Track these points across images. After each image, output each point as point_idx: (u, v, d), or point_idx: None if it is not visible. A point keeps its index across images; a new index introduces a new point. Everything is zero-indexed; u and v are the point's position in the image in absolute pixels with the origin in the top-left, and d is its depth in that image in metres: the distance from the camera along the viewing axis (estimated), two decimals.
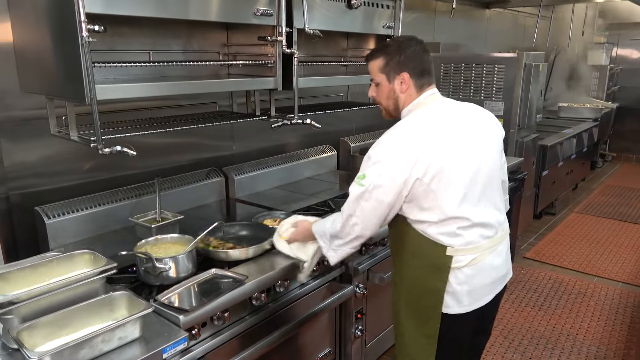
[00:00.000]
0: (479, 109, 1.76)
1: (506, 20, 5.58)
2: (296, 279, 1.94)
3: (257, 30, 2.13)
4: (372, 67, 1.69)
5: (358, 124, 3.74)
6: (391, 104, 1.71)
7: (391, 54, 1.65)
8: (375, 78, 1.70)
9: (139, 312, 1.38)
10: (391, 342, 2.76)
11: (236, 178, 2.71)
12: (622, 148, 7.96)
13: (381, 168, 1.54)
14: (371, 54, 1.70)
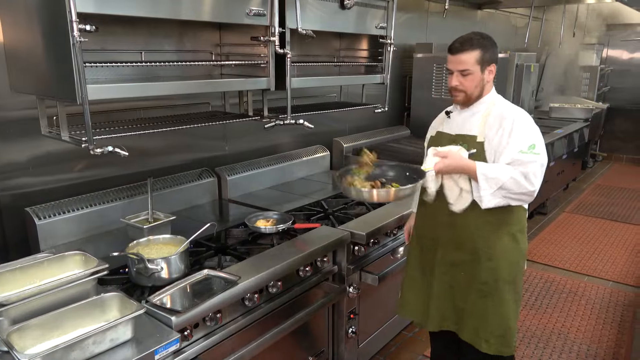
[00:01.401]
0: None
1: (498, 21, 5.61)
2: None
3: (250, 30, 2.12)
4: (469, 58, 1.84)
5: (351, 124, 3.74)
6: (477, 92, 1.91)
7: (487, 47, 1.86)
8: (470, 68, 1.85)
9: (130, 313, 1.37)
10: (384, 341, 2.77)
11: (229, 178, 2.71)
12: (612, 148, 8.03)
13: (540, 139, 1.87)
14: (467, 47, 1.84)
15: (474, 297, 1.96)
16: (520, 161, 1.82)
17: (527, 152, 1.83)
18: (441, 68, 3.96)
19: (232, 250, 2.03)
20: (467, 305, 1.98)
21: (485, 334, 1.96)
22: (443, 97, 3.98)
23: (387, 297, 2.67)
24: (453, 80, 1.90)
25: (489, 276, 1.93)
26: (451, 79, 1.91)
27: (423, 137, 3.97)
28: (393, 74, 3.78)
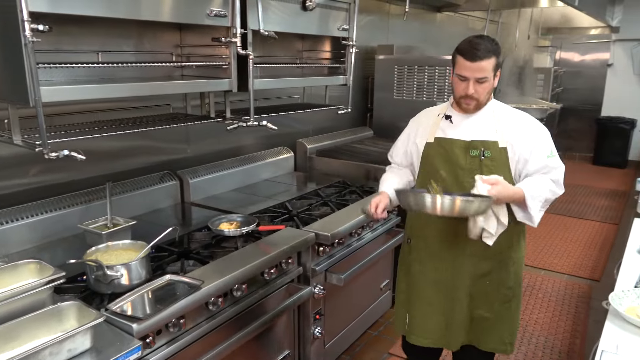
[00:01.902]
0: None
1: (457, 23, 5.74)
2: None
3: (211, 31, 2.10)
4: (488, 66, 1.78)
5: (314, 125, 3.75)
6: (487, 98, 1.90)
7: (499, 53, 1.83)
8: (488, 75, 1.80)
9: (89, 322, 1.33)
10: (350, 341, 2.79)
11: (191, 181, 2.67)
12: (565, 147, 8.35)
13: (552, 141, 1.92)
14: (487, 55, 1.77)
15: (498, 304, 1.98)
16: (548, 167, 1.86)
17: (552, 157, 1.87)
18: (402, 70, 4.02)
19: (195, 254, 2.00)
20: (492, 314, 1.99)
21: (510, 337, 2.02)
22: (405, 98, 4.05)
23: (352, 297, 2.69)
24: (470, 88, 1.80)
25: (514, 280, 1.98)
26: (467, 86, 1.80)
27: (386, 138, 4.06)
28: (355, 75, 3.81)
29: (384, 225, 2.81)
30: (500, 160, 1.86)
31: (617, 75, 7.93)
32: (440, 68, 3.85)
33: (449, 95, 3.83)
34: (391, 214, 2.90)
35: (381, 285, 3.01)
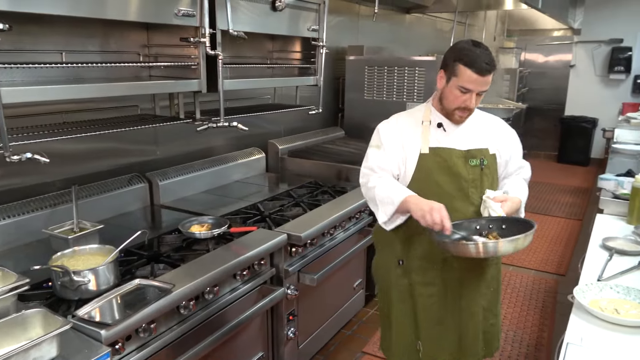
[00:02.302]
0: None
1: (425, 25, 5.83)
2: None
3: (179, 31, 2.07)
4: (491, 78, 1.71)
5: (286, 125, 3.74)
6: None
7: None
8: (488, 88, 1.74)
9: (55, 329, 1.29)
10: (324, 341, 2.79)
11: (161, 183, 2.62)
12: (531, 146, 8.57)
13: None
14: (494, 67, 1.70)
15: (499, 306, 2.03)
16: (522, 167, 1.95)
17: (522, 157, 1.95)
18: (372, 70, 4.05)
19: (166, 257, 1.97)
20: (498, 319, 2.01)
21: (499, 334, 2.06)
22: (375, 99, 4.08)
23: (326, 297, 2.70)
24: (473, 102, 1.72)
25: (499, 277, 2.03)
26: (468, 99, 1.71)
27: (357, 138, 4.08)
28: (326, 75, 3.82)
29: (356, 224, 2.83)
30: (493, 167, 1.85)
31: (579, 76, 8.19)
32: (409, 69, 3.90)
33: (419, 96, 3.90)
34: (363, 214, 2.92)
35: (354, 284, 3.02)
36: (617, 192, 2.62)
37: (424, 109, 1.88)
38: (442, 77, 1.77)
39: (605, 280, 1.78)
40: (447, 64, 1.73)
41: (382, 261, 2.00)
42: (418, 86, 3.90)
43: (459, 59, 1.68)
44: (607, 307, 1.58)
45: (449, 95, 1.75)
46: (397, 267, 1.92)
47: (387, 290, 1.99)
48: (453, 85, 1.72)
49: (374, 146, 1.87)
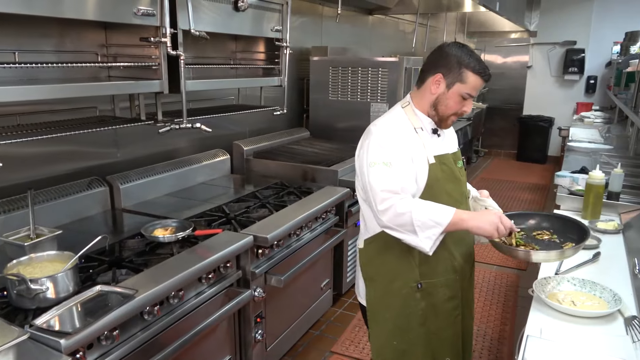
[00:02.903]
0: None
1: (388, 26, 5.90)
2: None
3: (139, 30, 2.02)
4: None
5: (251, 126, 3.72)
6: None
7: None
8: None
9: (11, 340, 1.25)
10: (292, 342, 2.79)
11: (122, 187, 2.56)
12: (492, 144, 8.82)
13: None
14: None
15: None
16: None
17: None
18: (337, 71, 4.07)
19: (128, 262, 1.92)
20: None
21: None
22: (340, 99, 4.11)
23: (293, 298, 2.69)
24: (470, 107, 1.70)
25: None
26: (467, 104, 1.69)
27: (323, 138, 4.09)
28: (291, 76, 3.81)
29: (322, 225, 2.84)
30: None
31: (535, 77, 8.47)
32: (373, 69, 3.94)
33: (382, 97, 3.95)
34: (329, 214, 2.93)
35: (322, 284, 3.03)
36: (573, 189, 2.73)
37: (406, 114, 1.73)
38: (439, 83, 1.66)
39: (562, 273, 1.85)
40: (449, 69, 1.63)
41: (392, 293, 1.76)
42: (382, 87, 3.95)
43: (467, 65, 1.62)
44: (564, 300, 1.64)
45: (448, 101, 1.67)
46: (415, 292, 1.75)
47: (400, 323, 1.78)
48: (456, 91, 1.65)
49: (380, 163, 1.61)
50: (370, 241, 1.77)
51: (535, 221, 1.91)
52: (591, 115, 6.38)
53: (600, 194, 2.37)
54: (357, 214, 3.29)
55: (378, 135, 1.67)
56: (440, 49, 1.68)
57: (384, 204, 1.58)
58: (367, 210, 1.75)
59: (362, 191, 1.75)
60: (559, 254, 1.68)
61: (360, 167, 1.72)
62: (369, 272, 1.80)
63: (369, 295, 1.81)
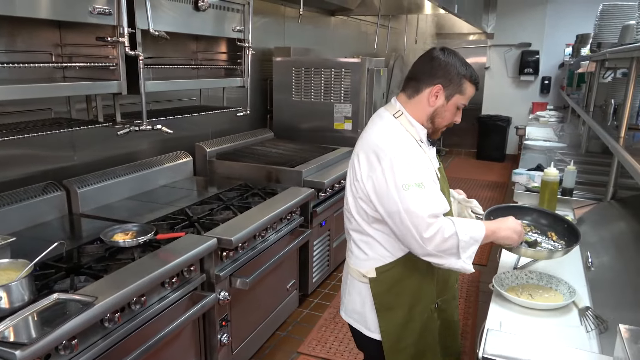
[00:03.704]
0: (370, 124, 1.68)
1: (350, 27, 5.95)
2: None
3: (95, 30, 1.97)
4: None
5: (213, 128, 3.68)
6: None
7: None
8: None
9: None
10: (259, 344, 2.77)
11: (79, 191, 2.48)
12: (452, 144, 9.03)
13: None
14: None
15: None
16: None
17: None
18: (300, 72, 4.07)
19: (87, 269, 1.86)
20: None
21: None
22: (303, 100, 4.11)
23: (259, 300, 2.68)
24: (460, 116, 1.64)
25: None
26: (460, 114, 1.63)
27: (287, 139, 4.08)
28: (254, 77, 3.79)
29: (288, 225, 2.83)
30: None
31: (493, 78, 8.72)
32: (336, 70, 3.97)
33: (345, 97, 3.98)
34: (294, 215, 2.93)
35: (287, 285, 3.03)
36: (529, 186, 2.82)
37: (401, 125, 1.59)
38: (439, 94, 1.56)
39: (520, 268, 1.91)
40: (449, 80, 1.55)
41: (413, 318, 1.67)
42: (345, 87, 3.98)
43: (465, 75, 1.56)
44: (522, 293, 1.70)
45: (446, 114, 1.60)
46: (433, 313, 1.71)
47: (420, 346, 1.71)
48: (454, 102, 1.58)
49: (414, 185, 1.46)
50: (386, 269, 1.61)
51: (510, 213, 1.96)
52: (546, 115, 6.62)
53: (555, 190, 2.46)
54: (322, 214, 3.30)
55: (397, 153, 1.50)
56: (436, 58, 1.56)
57: (430, 230, 1.45)
58: (380, 235, 1.59)
59: (367, 216, 1.59)
60: (549, 253, 1.76)
61: (379, 191, 1.50)
62: (386, 302, 1.64)
63: (386, 326, 1.65)
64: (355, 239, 1.67)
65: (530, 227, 1.97)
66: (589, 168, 3.41)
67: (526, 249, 1.72)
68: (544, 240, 1.89)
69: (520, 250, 1.70)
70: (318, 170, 3.41)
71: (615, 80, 3.69)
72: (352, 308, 1.74)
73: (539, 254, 1.76)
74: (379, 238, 1.60)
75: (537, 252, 1.76)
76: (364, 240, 1.64)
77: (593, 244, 2.11)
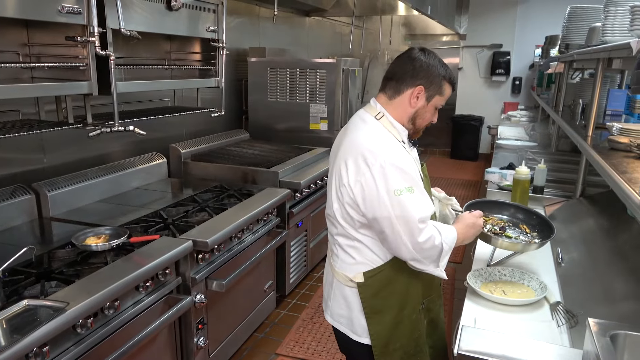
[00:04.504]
0: (348, 128, 1.66)
1: (325, 28, 5.97)
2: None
3: (64, 29, 1.92)
4: None
5: (188, 129, 3.63)
6: None
7: None
8: None
9: None
10: (236, 346, 2.75)
11: (49, 194, 2.42)
12: (427, 143, 9.13)
13: None
14: None
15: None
16: None
17: None
18: (275, 72, 4.06)
19: (58, 274, 1.82)
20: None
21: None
22: (279, 100, 4.10)
23: (236, 302, 2.66)
24: (436, 116, 1.66)
25: None
26: (436, 115, 1.65)
27: (262, 140, 4.07)
28: (228, 77, 3.77)
29: (264, 226, 2.82)
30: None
31: (466, 78, 8.86)
32: (311, 71, 3.97)
33: (321, 98, 3.98)
34: (271, 216, 2.92)
35: (265, 286, 3.01)
36: (501, 184, 2.88)
37: (382, 126, 1.59)
38: (420, 96, 1.57)
39: (494, 265, 1.94)
40: (430, 81, 1.55)
41: (402, 321, 1.66)
42: (320, 87, 3.98)
43: (444, 76, 1.57)
44: (495, 290, 1.73)
45: (426, 114, 1.61)
46: (420, 313, 1.72)
47: (409, 348, 1.70)
48: (434, 103, 1.60)
49: (405, 190, 1.47)
50: (374, 273, 1.60)
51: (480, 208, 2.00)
52: (517, 114, 6.76)
53: (526, 188, 2.52)
54: (299, 214, 3.30)
55: (387, 157, 1.48)
56: (417, 59, 1.56)
57: (424, 234, 1.47)
58: (368, 240, 1.58)
59: (353, 221, 1.57)
60: (524, 246, 1.82)
61: (369, 196, 1.49)
62: (374, 306, 1.63)
63: (375, 329, 1.64)
64: (342, 244, 1.64)
65: (503, 221, 2.02)
66: (559, 166, 3.50)
67: (503, 240, 1.79)
68: (521, 234, 1.94)
69: (497, 241, 1.78)
70: (294, 170, 3.41)
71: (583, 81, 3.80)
72: (338, 312, 1.72)
73: (515, 245, 1.82)
74: (367, 242, 1.59)
75: (513, 244, 1.81)
76: (351, 245, 1.62)
77: (563, 240, 2.16)
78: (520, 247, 1.82)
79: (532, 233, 1.95)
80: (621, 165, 1.73)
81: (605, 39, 2.26)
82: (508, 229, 1.95)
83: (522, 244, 1.83)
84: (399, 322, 1.65)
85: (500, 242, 1.78)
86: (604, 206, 2.40)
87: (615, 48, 1.87)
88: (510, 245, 1.81)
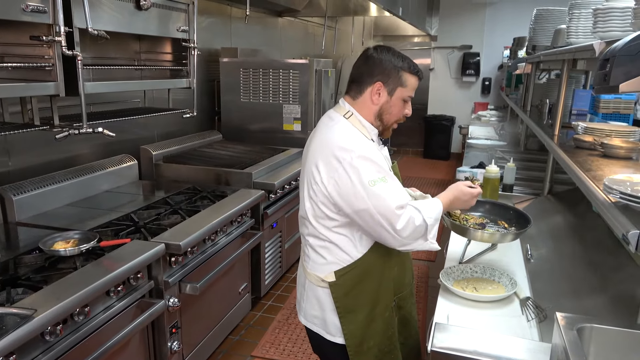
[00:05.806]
0: (320, 126, 1.68)
1: (297, 28, 5.96)
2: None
3: (29, 28, 1.87)
4: None
5: (159, 130, 3.58)
6: None
7: None
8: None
9: None
10: (211, 349, 2.73)
11: (15, 198, 2.34)
12: (400, 143, 9.23)
13: None
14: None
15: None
16: None
17: None
18: (248, 73, 4.04)
19: (25, 280, 1.76)
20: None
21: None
22: (252, 101, 4.08)
23: (211, 304, 2.63)
24: (410, 108, 1.65)
25: None
26: (409, 107, 1.65)
27: (236, 141, 4.04)
28: (200, 78, 3.73)
29: (238, 228, 2.80)
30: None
31: (437, 79, 8.99)
32: (284, 71, 3.96)
33: (294, 98, 3.98)
34: (245, 217, 2.90)
35: (239, 289, 2.99)
36: None
37: (351, 125, 1.60)
38: (380, 91, 1.58)
39: (465, 262, 1.98)
40: (387, 75, 1.57)
41: (375, 319, 1.67)
42: (293, 88, 3.98)
43: (402, 67, 1.58)
44: (467, 287, 1.76)
45: (392, 109, 1.61)
46: (390, 311, 1.72)
47: (383, 346, 1.72)
48: (399, 96, 1.60)
49: (379, 181, 1.50)
50: (345, 272, 1.61)
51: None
52: (487, 114, 6.89)
53: (496, 187, 2.57)
54: (273, 216, 3.29)
55: (357, 151, 1.50)
56: (370, 57, 1.60)
57: (401, 220, 1.49)
58: (340, 239, 1.59)
59: (326, 220, 1.58)
60: (502, 236, 1.89)
61: (344, 191, 1.50)
62: (347, 305, 1.63)
63: (349, 329, 1.65)
64: (313, 244, 1.65)
65: (483, 218, 2.08)
66: (528, 165, 3.58)
67: (482, 233, 1.86)
68: (499, 228, 1.99)
69: (477, 234, 1.85)
70: (268, 171, 3.40)
71: (549, 81, 3.90)
72: (312, 313, 1.72)
73: (493, 237, 1.88)
74: (338, 242, 1.60)
75: (492, 235, 1.88)
76: (321, 245, 1.63)
77: (532, 237, 2.22)
78: (498, 237, 1.89)
79: (510, 228, 2.00)
80: (586, 163, 1.78)
81: (569, 40, 2.33)
82: (487, 225, 2.01)
83: (500, 234, 1.89)
84: (372, 320, 1.66)
85: (480, 235, 1.86)
86: (571, 203, 2.47)
87: (580, 49, 1.93)
88: (489, 236, 1.88)
